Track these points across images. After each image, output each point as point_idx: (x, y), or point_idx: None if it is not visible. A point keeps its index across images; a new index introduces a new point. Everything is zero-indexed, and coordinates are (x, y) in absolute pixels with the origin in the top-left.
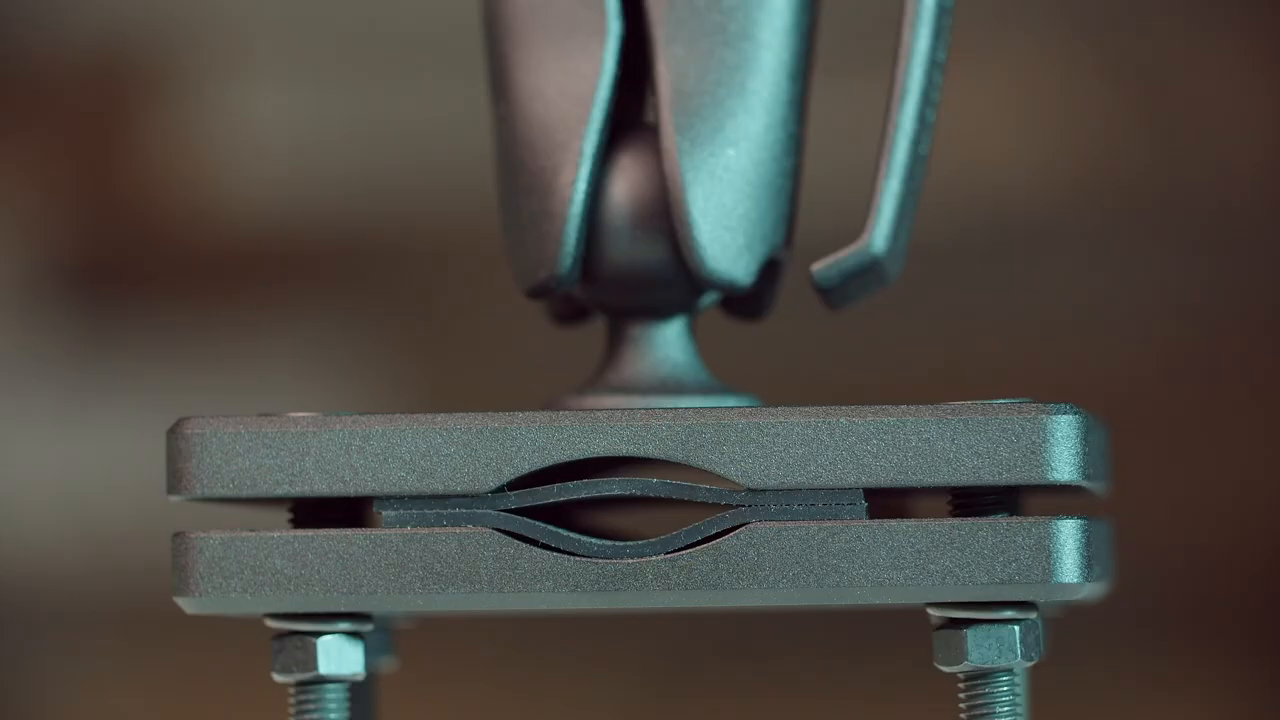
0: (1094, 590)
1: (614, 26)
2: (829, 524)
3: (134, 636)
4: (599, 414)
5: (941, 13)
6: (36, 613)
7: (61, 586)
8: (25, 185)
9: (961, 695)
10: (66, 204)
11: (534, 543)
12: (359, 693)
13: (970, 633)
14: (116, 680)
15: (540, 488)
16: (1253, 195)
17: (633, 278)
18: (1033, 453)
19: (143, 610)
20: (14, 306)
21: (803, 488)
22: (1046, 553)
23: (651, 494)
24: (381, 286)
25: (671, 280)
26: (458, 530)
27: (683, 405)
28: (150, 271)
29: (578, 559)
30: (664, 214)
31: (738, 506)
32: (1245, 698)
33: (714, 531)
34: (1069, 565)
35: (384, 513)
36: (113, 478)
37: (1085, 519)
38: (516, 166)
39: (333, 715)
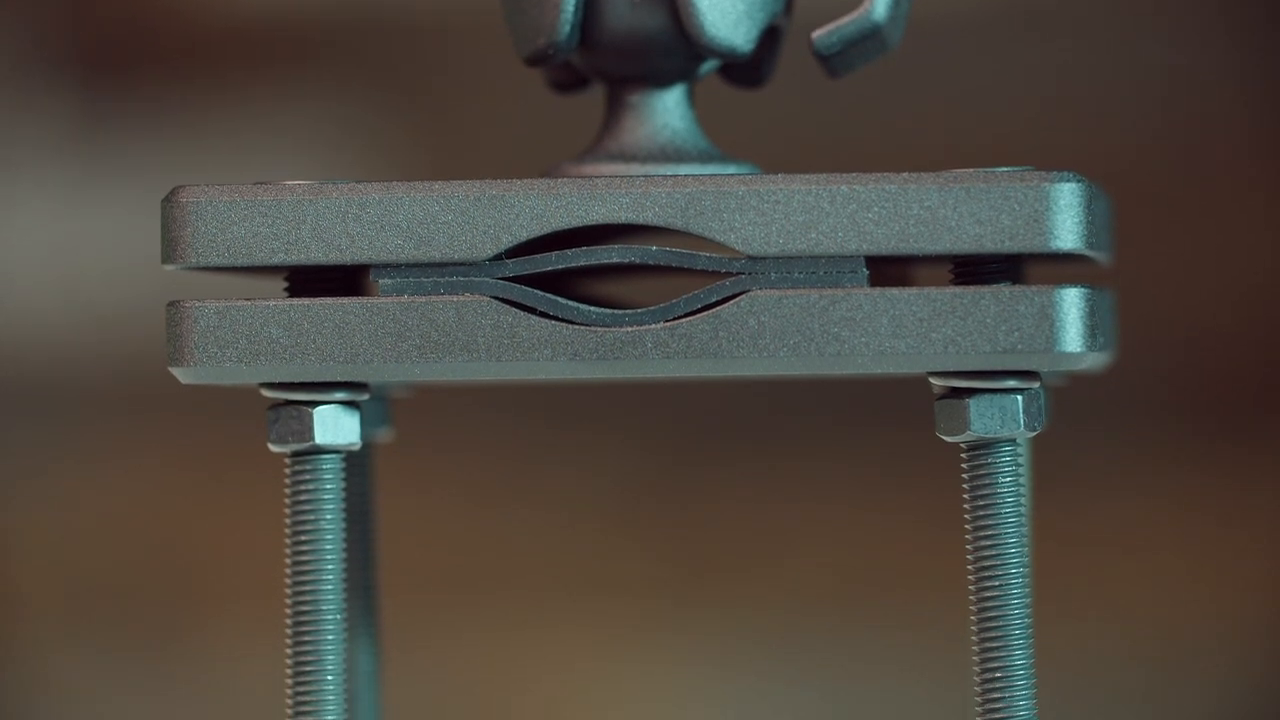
0: (1096, 360)
1: None
2: (830, 292)
3: (132, 412)
4: (598, 181)
5: None
6: (34, 391)
7: (59, 365)
8: None
9: (964, 465)
10: None
11: (532, 311)
12: (355, 463)
13: (972, 402)
14: (113, 456)
15: (538, 255)
16: None
17: (631, 44)
18: (1035, 220)
19: (140, 385)
20: (8, 87)
21: (803, 255)
22: (1049, 321)
23: (650, 262)
24: (380, 59)
25: (670, 47)
26: (455, 298)
27: (682, 173)
28: (146, 48)
29: (576, 327)
30: None
31: (738, 274)
32: (1244, 474)
33: (714, 299)
34: (1072, 334)
35: (380, 281)
36: (110, 256)
37: (1088, 287)
38: None
39: (328, 485)
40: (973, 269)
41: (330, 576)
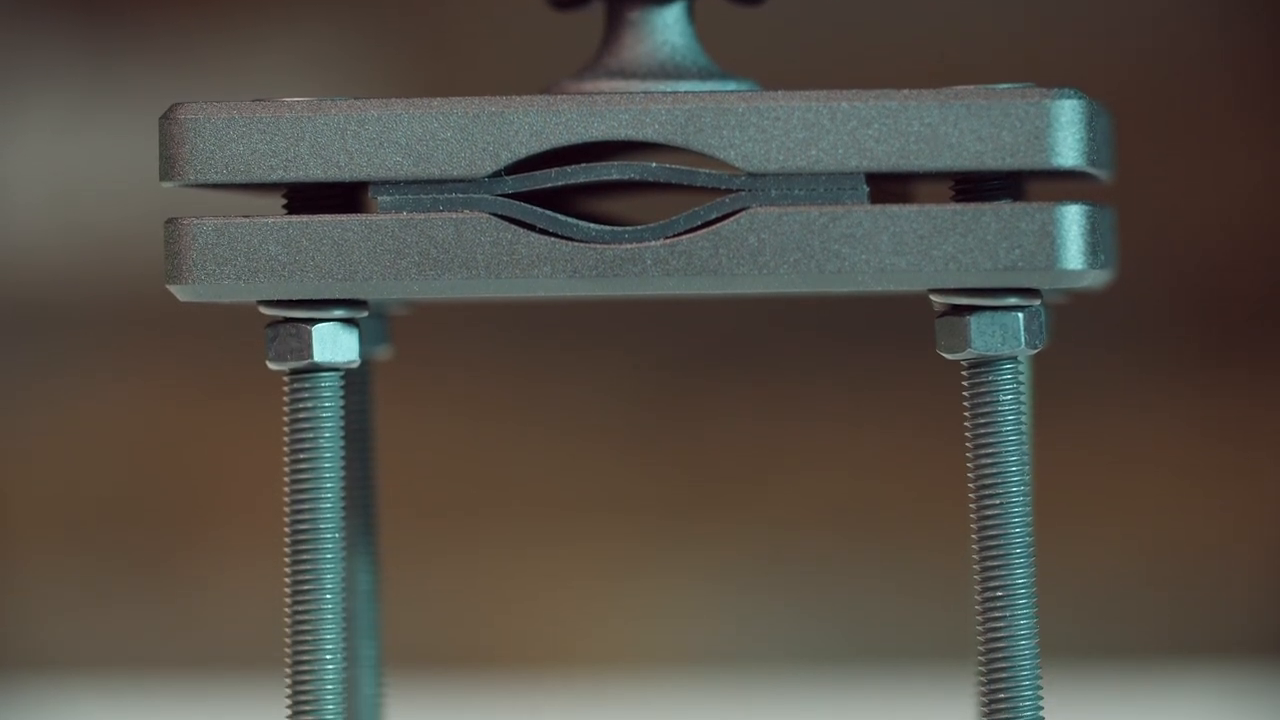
0: (1097, 277)
1: None
2: (830, 209)
3: (131, 331)
4: (597, 98)
5: None
6: (33, 310)
7: (58, 284)
8: None
9: (965, 383)
10: None
11: (531, 228)
12: (354, 381)
13: (973, 320)
14: (112, 375)
15: (537, 172)
16: None
17: None
18: (1036, 137)
19: (139, 304)
20: (9, 8)
21: (803, 172)
22: (1050, 238)
23: (650, 179)
24: None
25: None
26: (454, 215)
27: (682, 90)
28: None
29: (575, 244)
30: None
31: (737, 191)
32: (1245, 392)
33: (713, 216)
34: (1073, 251)
35: (379, 198)
36: (110, 174)
37: (1089, 204)
38: None
39: (327, 403)
40: (973, 186)
41: (329, 494)
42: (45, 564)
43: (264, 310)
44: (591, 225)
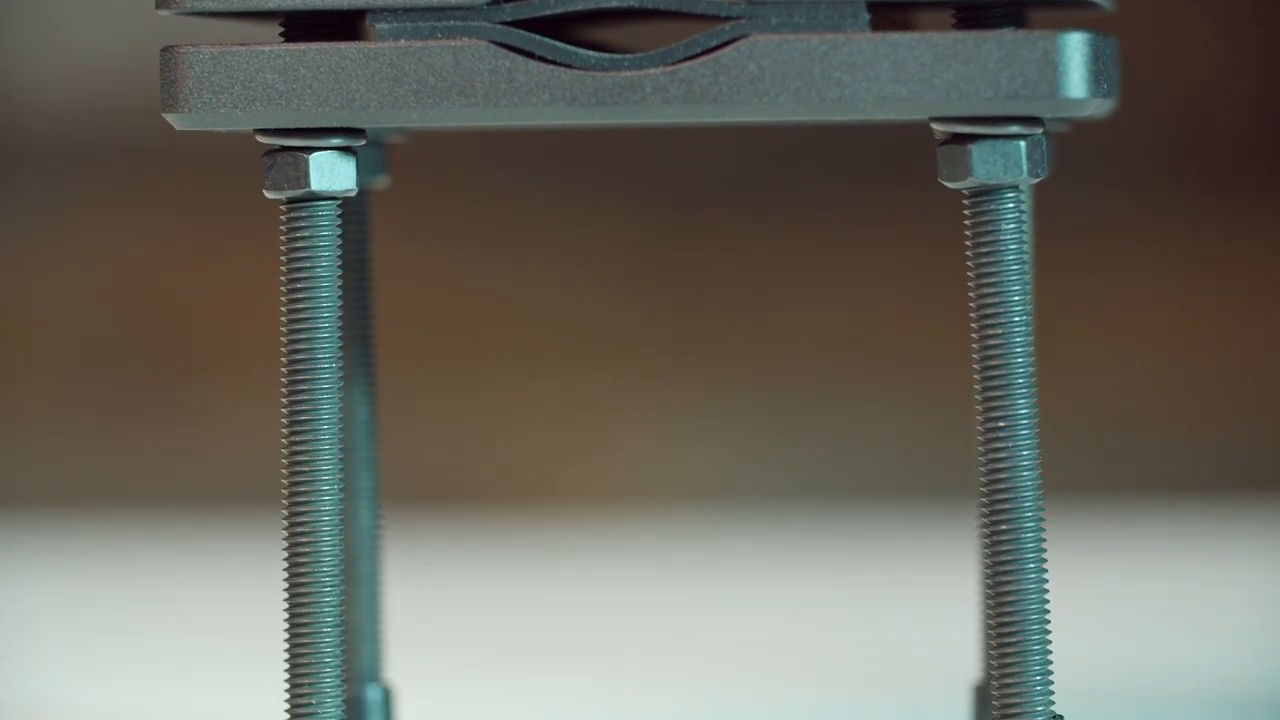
0: (1100, 106)
1: None
2: (831, 36)
3: (127, 166)
4: None
5: None
6: (29, 148)
7: (54, 120)
8: None
9: (966, 213)
10: None
11: (530, 55)
12: (351, 210)
13: (975, 148)
14: (112, 212)
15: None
16: None
17: None
18: None
19: (136, 138)
20: None
21: (804, 0)
22: (1053, 65)
23: (650, 6)
24: None
25: None
26: (452, 43)
27: None
28: None
29: (574, 71)
30: None
31: (738, 19)
32: (1245, 229)
33: (714, 44)
34: (1075, 79)
35: (377, 25)
36: (103, 5)
37: (1092, 32)
38: None
39: (324, 232)
40: (975, 14)
41: (326, 323)
42: (45, 401)
43: (261, 139)
44: (590, 53)
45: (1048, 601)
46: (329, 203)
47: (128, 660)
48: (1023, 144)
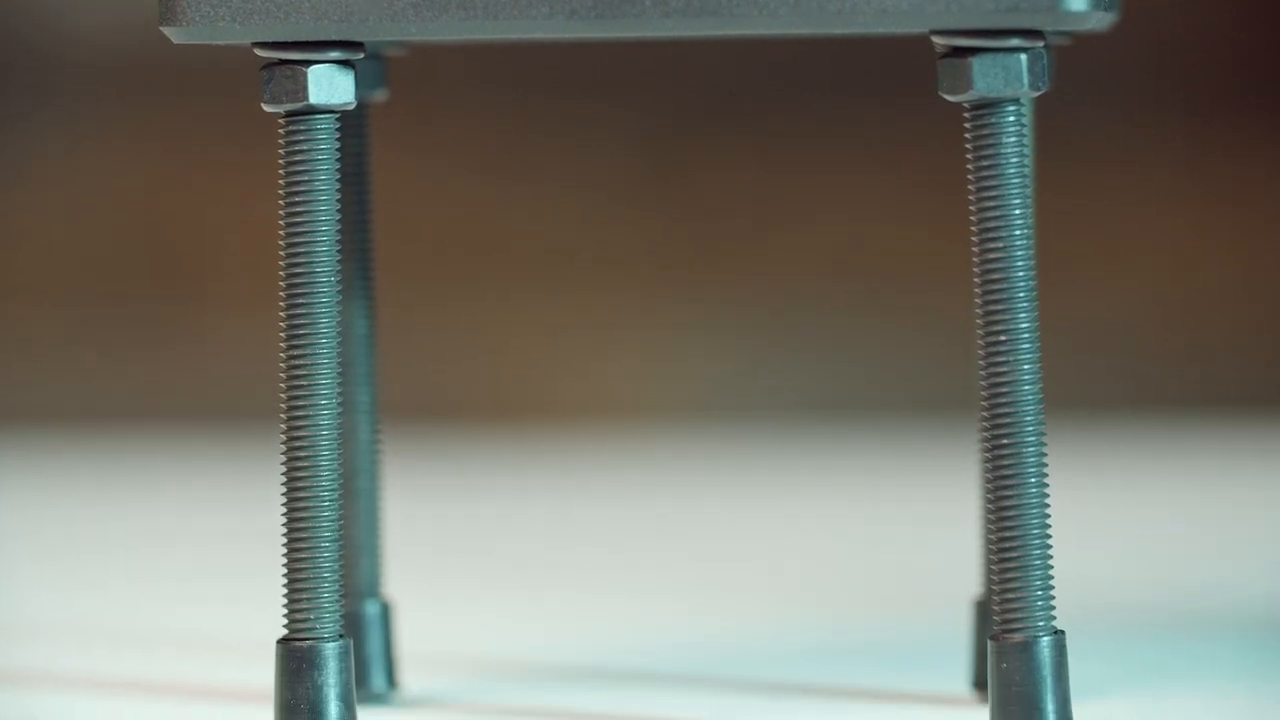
0: (1101, 19)
1: None
2: None
3: (125, 85)
4: None
5: None
6: (24, 65)
7: (49, 34)
8: None
9: (967, 126)
10: None
11: None
12: (350, 124)
13: (975, 61)
14: (110, 130)
15: None
16: None
17: None
18: None
19: (132, 56)
20: None
21: None
22: None
23: None
24: None
25: None
26: None
27: None
28: None
29: None
30: None
31: None
32: (1246, 147)
33: None
34: None
35: None
36: None
37: None
38: None
39: (323, 145)
40: None
41: (324, 237)
42: (47, 321)
43: (259, 52)
44: None
45: (1049, 516)
46: (327, 116)
47: (126, 578)
48: (1023, 57)
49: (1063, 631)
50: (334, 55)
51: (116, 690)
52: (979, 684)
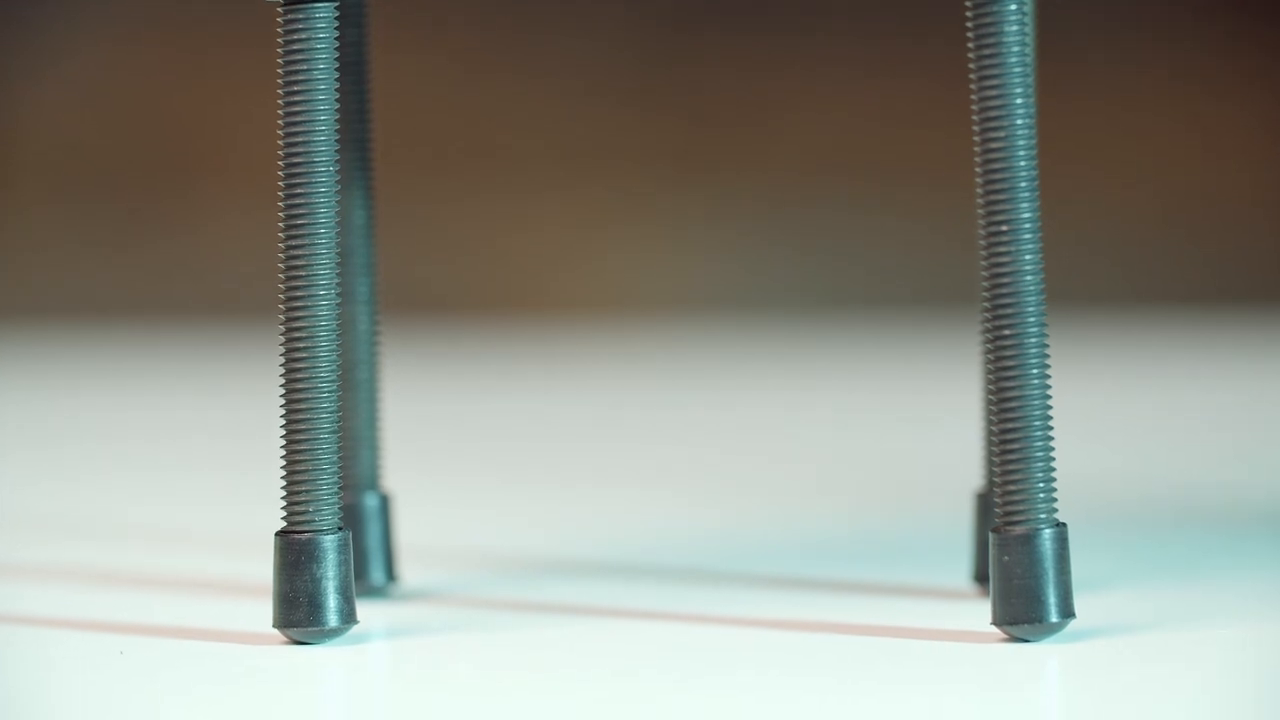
0: None
1: None
2: None
3: None
4: None
5: None
6: None
7: None
8: None
9: (969, 19)
10: None
11: None
12: (349, 14)
13: None
14: (106, 22)
15: None
16: None
17: None
18: None
19: None
20: None
21: None
22: None
23: None
24: None
25: None
26: None
27: None
28: None
29: None
30: None
31: None
32: (1242, 49)
33: None
34: None
35: None
36: None
37: None
38: None
39: (322, 35)
40: None
41: (323, 126)
42: (44, 216)
43: None
44: None
45: (1050, 407)
46: (326, 5)
47: (126, 470)
48: None
49: (1064, 524)
50: None
51: (113, 584)
52: (980, 577)
